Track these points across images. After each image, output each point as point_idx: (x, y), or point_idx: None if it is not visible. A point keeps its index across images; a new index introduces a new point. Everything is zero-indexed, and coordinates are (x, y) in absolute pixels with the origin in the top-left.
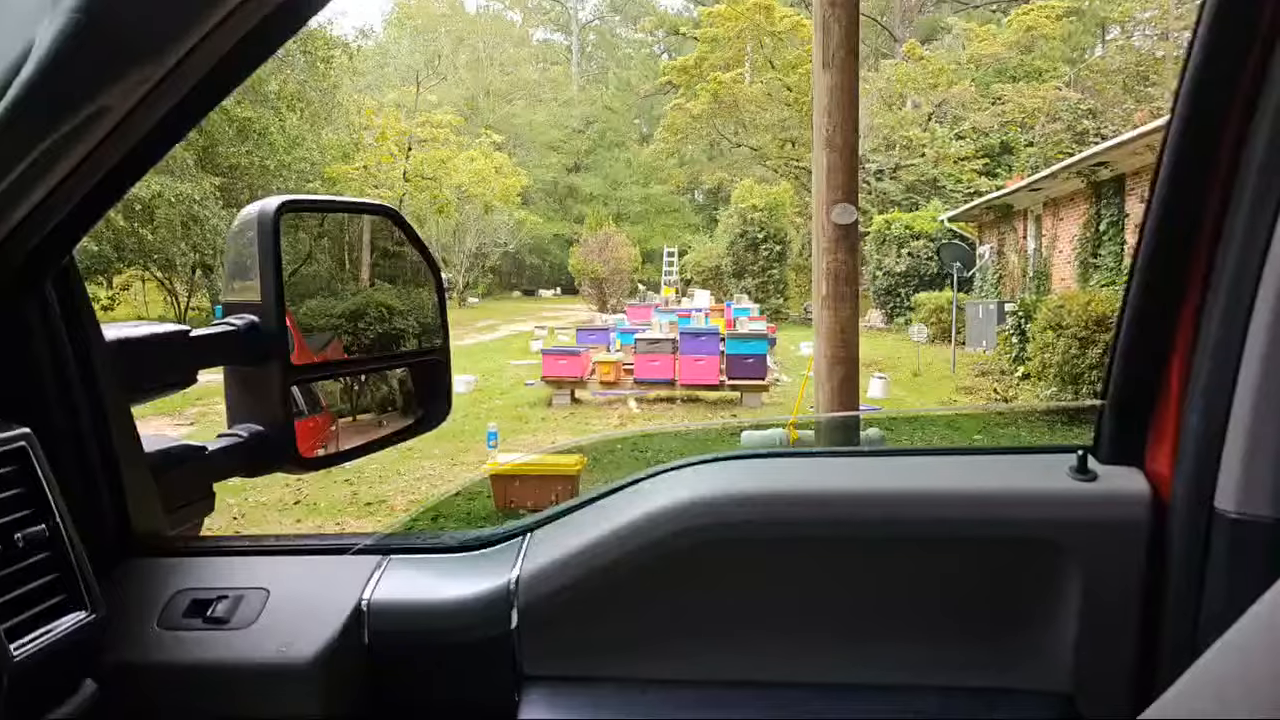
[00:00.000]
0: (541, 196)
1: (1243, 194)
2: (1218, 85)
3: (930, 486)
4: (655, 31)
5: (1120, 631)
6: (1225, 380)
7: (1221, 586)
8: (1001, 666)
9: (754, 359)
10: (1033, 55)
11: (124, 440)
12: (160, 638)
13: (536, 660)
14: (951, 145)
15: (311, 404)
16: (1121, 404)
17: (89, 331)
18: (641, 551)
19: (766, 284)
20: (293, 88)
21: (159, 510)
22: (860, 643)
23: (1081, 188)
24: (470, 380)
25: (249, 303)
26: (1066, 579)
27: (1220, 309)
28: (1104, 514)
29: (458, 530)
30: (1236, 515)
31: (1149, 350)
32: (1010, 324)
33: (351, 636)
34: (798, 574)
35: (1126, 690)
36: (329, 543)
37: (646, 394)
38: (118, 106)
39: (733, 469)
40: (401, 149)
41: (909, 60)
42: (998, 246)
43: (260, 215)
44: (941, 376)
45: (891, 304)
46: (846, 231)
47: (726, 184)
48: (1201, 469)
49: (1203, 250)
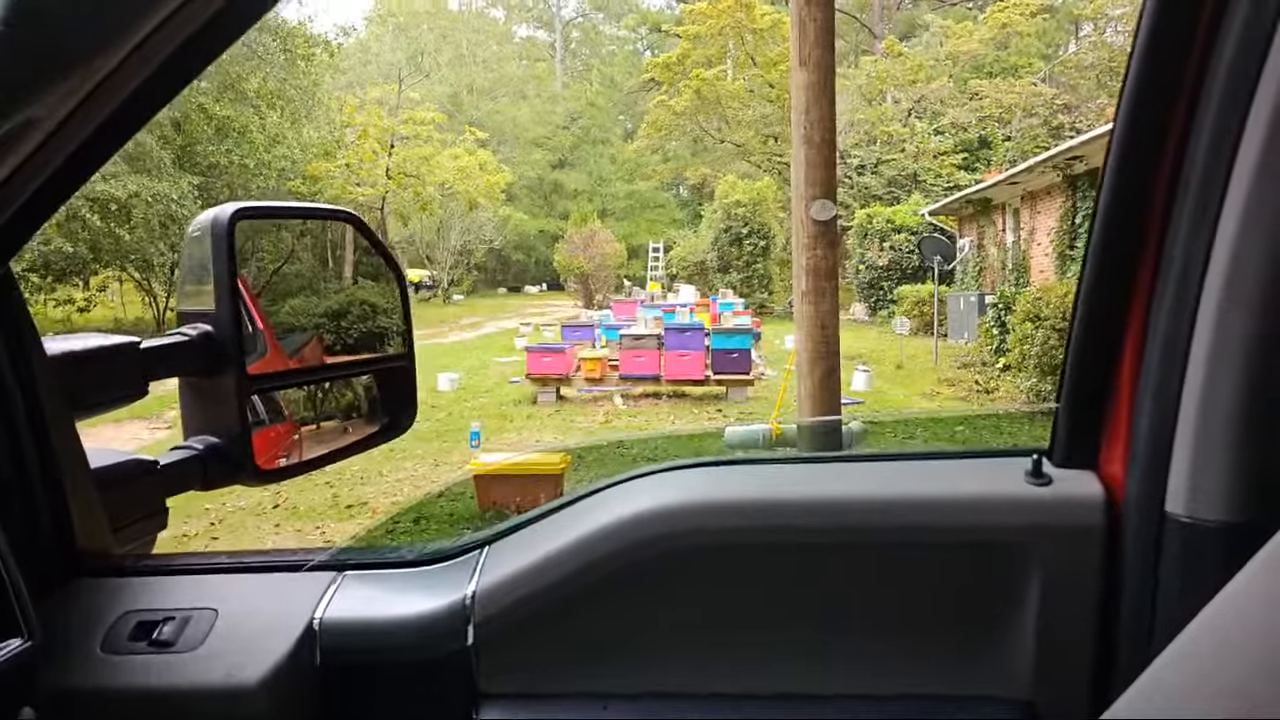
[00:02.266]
0: (526, 193)
1: (1186, 194)
2: (1159, 90)
3: (888, 493)
4: (638, 29)
5: (1078, 636)
6: (1172, 384)
7: (1174, 590)
8: (963, 673)
9: (739, 353)
10: (1008, 52)
11: (68, 455)
12: (104, 662)
13: (493, 677)
14: (931, 140)
15: (273, 412)
16: (1075, 406)
17: (28, 345)
18: (600, 563)
19: (751, 279)
20: (273, 85)
21: (106, 528)
22: (821, 651)
23: (1057, 181)
24: (454, 378)
25: (204, 311)
26: (1025, 584)
27: (1166, 312)
28: (1059, 518)
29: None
30: (1187, 519)
31: (1101, 352)
32: (990, 316)
33: (302, 657)
34: (757, 583)
35: (1086, 695)
36: (283, 559)
37: (632, 390)
38: (46, 119)
39: (692, 477)
40: (384, 146)
41: (888, 57)
42: (977, 240)
43: (214, 223)
44: (924, 369)
45: (874, 297)
46: (826, 227)
47: (710, 179)
48: (1152, 472)
49: (1150, 251)
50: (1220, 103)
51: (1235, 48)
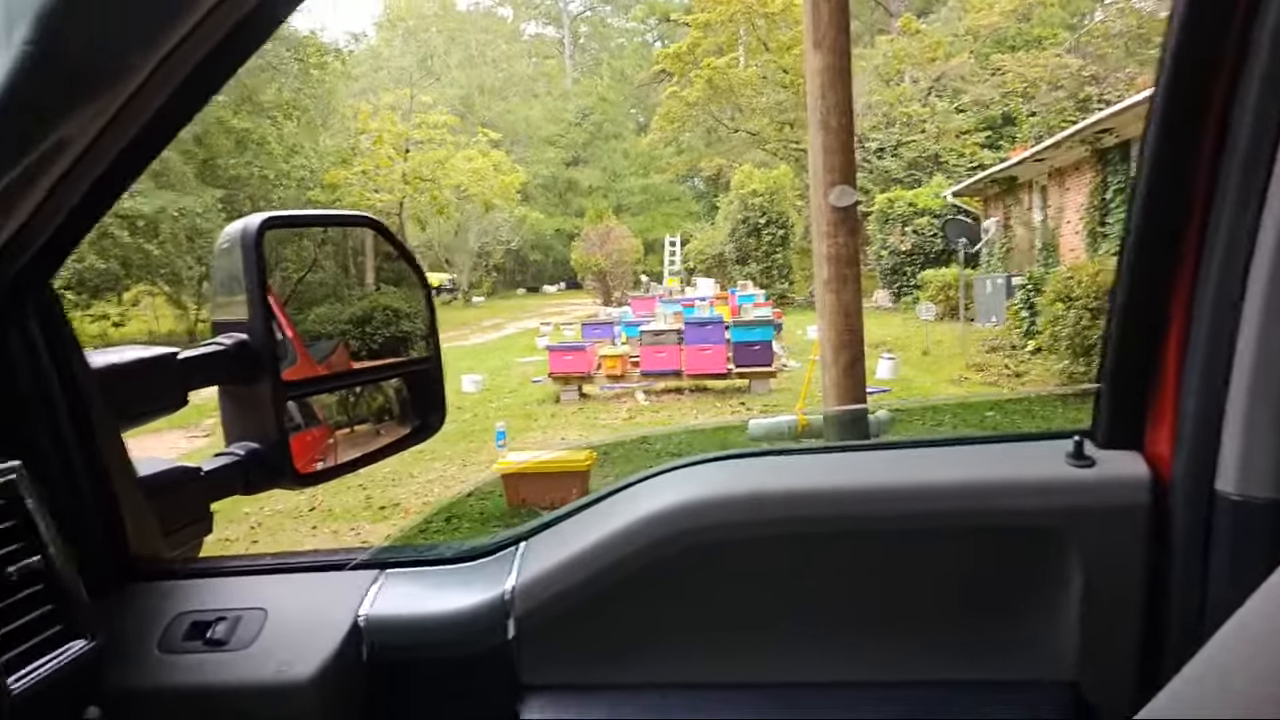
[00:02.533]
0: (541, 192)
1: (1230, 169)
2: (1200, 60)
3: (926, 479)
4: (647, 20)
5: (1124, 618)
6: (1220, 361)
7: (1225, 570)
8: (1005, 658)
9: (760, 345)
10: (1031, 23)
11: (116, 466)
12: (161, 662)
13: (535, 669)
14: (952, 119)
15: (308, 417)
16: (1118, 387)
17: (74, 360)
18: (633, 557)
19: (770, 269)
20: (288, 96)
21: (156, 533)
22: (860, 639)
23: (1086, 156)
24: (478, 380)
25: (237, 321)
26: (1068, 567)
27: (1212, 289)
28: (1104, 500)
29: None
30: (1238, 497)
31: (1144, 332)
32: (1019, 298)
33: (349, 653)
34: (791, 573)
35: (1132, 676)
36: (325, 559)
37: (654, 386)
38: (78, 138)
39: (721, 470)
40: (399, 151)
41: (906, 35)
42: (1003, 220)
43: (243, 234)
44: (951, 354)
45: (898, 283)
46: (846, 214)
47: (726, 170)
48: (1200, 451)
49: (1193, 229)
50: (1266, 67)
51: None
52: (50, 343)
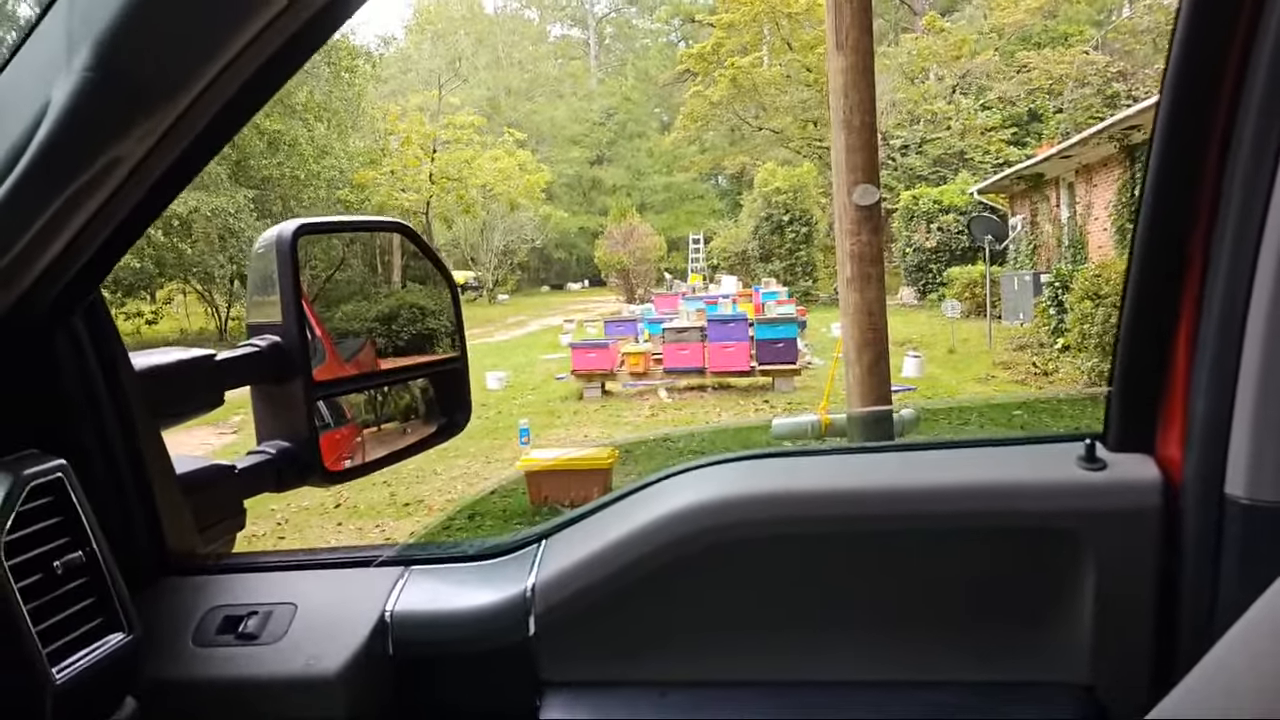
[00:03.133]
0: (565, 191)
1: (1236, 173)
2: (1206, 62)
3: (940, 480)
4: (671, 20)
5: (1137, 620)
6: (1229, 365)
7: (1235, 573)
8: (1019, 659)
9: (784, 343)
10: (1057, 20)
11: (156, 464)
12: (195, 654)
13: (555, 666)
14: (978, 116)
15: (337, 416)
16: (1129, 390)
17: (119, 361)
18: (653, 555)
19: (794, 266)
20: (319, 98)
21: (192, 529)
22: (875, 639)
23: (1114, 152)
24: (502, 376)
25: (272, 323)
26: (1080, 569)
27: (1219, 292)
28: (1115, 503)
29: (492, 530)
30: (1248, 501)
31: (1154, 335)
32: (1047, 295)
33: (376, 648)
34: (811, 572)
35: (1146, 679)
36: (353, 556)
37: (677, 383)
38: (131, 155)
39: (741, 469)
40: (426, 152)
41: (930, 33)
42: (1030, 217)
43: (279, 239)
44: (978, 352)
45: (923, 280)
46: (869, 212)
47: (749, 168)
48: (1210, 455)
49: (1200, 232)
50: (1270, 68)
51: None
52: (97, 345)
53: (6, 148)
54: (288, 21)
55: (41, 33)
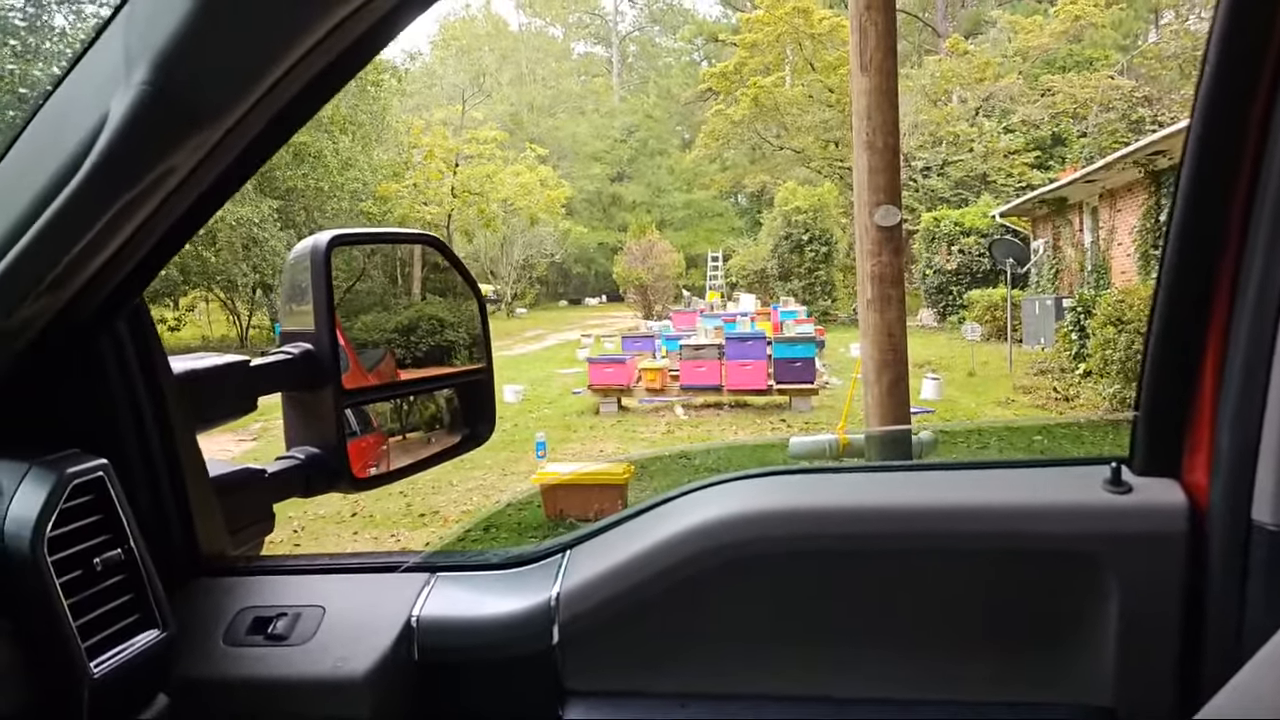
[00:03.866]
0: (585, 206)
1: (1265, 199)
2: (1237, 89)
3: (962, 501)
4: (694, 39)
5: (1161, 644)
6: (1256, 390)
7: (1262, 598)
8: (1040, 681)
9: (802, 362)
10: (1082, 44)
11: (192, 466)
12: (226, 654)
13: (577, 674)
14: (1001, 139)
15: (363, 424)
16: (1155, 415)
17: (159, 365)
18: (675, 568)
19: (813, 285)
20: (345, 111)
21: (224, 531)
22: (894, 657)
23: (1139, 178)
24: (519, 390)
25: (304, 331)
26: (1104, 591)
27: (1247, 318)
28: (1140, 527)
29: (506, 542)
30: (1274, 527)
31: (1180, 360)
32: (1069, 320)
33: (402, 652)
34: (829, 589)
35: (1169, 703)
36: (379, 561)
37: (693, 400)
38: (182, 166)
39: (761, 486)
40: (449, 166)
41: (953, 56)
42: (1053, 241)
43: (313, 250)
44: (998, 375)
45: (943, 302)
46: (890, 234)
47: (769, 186)
48: (1237, 480)
49: (1230, 252)
50: None
51: None
52: (139, 350)
53: (65, 158)
54: (334, 41)
55: (100, 48)
